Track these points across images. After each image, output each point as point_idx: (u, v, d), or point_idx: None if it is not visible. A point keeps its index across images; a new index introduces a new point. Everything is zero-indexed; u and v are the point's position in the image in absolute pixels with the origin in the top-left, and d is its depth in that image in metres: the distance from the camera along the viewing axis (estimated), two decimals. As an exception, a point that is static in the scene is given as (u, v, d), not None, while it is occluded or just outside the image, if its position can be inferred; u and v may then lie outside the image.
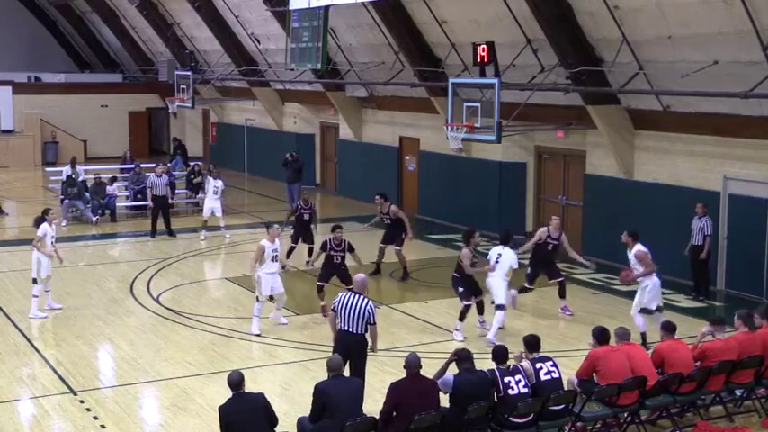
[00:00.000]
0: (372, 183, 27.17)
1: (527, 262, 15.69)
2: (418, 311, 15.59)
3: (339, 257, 14.98)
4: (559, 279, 15.37)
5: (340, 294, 11.12)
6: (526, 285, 15.45)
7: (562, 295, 15.36)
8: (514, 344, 10.91)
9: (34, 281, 15.21)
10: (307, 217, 18.43)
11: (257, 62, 30.70)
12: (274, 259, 14.27)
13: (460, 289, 13.85)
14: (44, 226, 15.11)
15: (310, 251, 17.89)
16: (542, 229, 15.30)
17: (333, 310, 10.97)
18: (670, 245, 17.39)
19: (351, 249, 15.16)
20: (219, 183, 22.03)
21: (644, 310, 13.55)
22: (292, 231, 18.71)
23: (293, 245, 18.41)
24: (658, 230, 18.08)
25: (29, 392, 11.90)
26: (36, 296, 15.21)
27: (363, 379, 10.37)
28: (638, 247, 13.67)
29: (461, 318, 13.88)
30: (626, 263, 18.57)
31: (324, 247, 15.13)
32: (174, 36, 34.21)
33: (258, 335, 14.14)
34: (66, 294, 16.68)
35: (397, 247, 17.92)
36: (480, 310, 14.26)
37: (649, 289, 13.50)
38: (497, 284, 13.83)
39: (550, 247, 15.13)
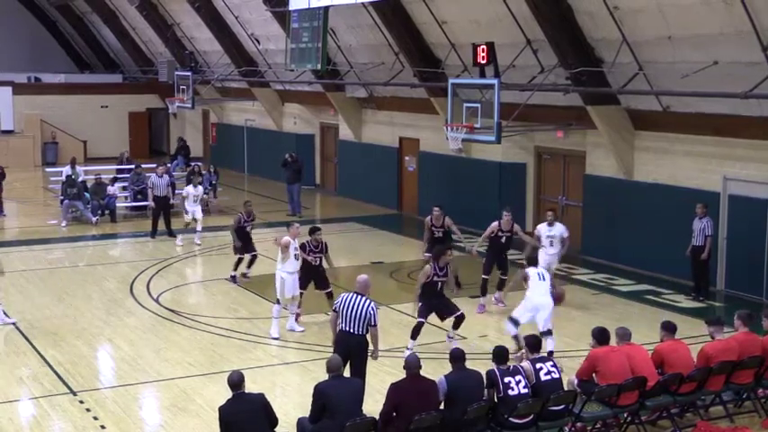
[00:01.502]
0: (372, 183, 27.22)
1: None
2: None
3: (318, 259, 14.83)
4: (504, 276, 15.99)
5: (342, 294, 11.15)
6: (484, 276, 15.87)
7: (500, 287, 15.99)
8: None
9: None
10: (249, 229, 17.93)
11: (257, 62, 30.69)
12: (296, 258, 14.25)
13: (419, 304, 13.38)
14: None
15: (252, 260, 17.80)
16: (494, 224, 15.89)
17: (334, 310, 10.99)
18: (670, 245, 17.41)
19: (326, 250, 14.87)
20: (200, 189, 21.89)
21: (513, 320, 13.19)
22: (236, 244, 17.83)
23: (240, 256, 17.79)
24: (658, 231, 18.12)
25: (29, 393, 11.88)
26: None
27: (364, 380, 10.38)
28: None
29: (413, 335, 13.27)
30: (625, 264, 18.76)
31: (302, 249, 14.72)
32: (173, 36, 34.21)
33: (277, 338, 14.05)
34: (66, 294, 16.69)
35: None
36: (455, 326, 13.57)
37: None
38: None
39: (503, 240, 15.84)
